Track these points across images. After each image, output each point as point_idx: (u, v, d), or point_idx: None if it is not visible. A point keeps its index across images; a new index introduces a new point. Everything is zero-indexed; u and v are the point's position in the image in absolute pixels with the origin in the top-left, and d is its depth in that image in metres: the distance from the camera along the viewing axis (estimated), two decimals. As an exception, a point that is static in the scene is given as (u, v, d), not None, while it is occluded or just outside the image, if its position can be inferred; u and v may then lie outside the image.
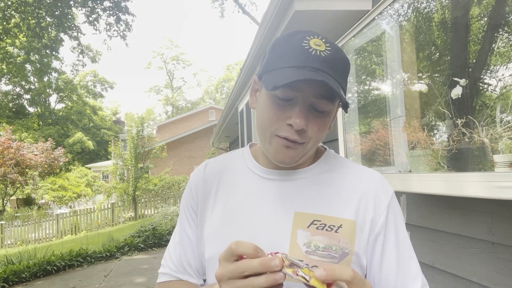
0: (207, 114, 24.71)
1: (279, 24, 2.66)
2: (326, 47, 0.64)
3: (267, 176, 0.75)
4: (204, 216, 0.78)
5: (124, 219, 12.60)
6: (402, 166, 1.89)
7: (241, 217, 0.72)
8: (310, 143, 0.68)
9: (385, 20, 2.09)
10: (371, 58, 2.55)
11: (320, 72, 0.62)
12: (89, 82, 34.51)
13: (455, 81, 1.41)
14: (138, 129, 13.74)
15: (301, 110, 0.65)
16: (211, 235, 0.74)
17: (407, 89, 2.04)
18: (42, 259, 6.05)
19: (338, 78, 0.65)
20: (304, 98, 0.65)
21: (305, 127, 0.65)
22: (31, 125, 28.47)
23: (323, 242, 0.66)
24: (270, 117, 0.67)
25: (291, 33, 0.68)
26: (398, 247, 0.70)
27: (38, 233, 10.70)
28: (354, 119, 2.48)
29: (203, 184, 0.80)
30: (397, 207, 0.73)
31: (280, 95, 0.65)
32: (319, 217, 0.68)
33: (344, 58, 0.68)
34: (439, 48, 1.93)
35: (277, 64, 0.66)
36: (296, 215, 0.69)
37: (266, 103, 0.68)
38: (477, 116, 1.40)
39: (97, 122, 32.67)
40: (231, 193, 0.76)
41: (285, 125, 0.66)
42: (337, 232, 0.67)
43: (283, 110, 0.66)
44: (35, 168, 16.35)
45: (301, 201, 0.71)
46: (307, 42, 0.64)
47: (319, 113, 0.67)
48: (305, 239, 0.66)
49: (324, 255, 0.65)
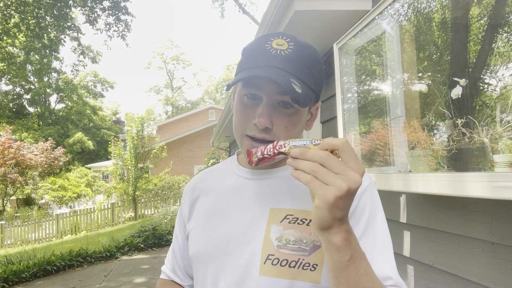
0: (207, 114, 24.70)
1: (279, 24, 2.66)
2: (288, 46, 0.67)
3: (247, 176, 0.79)
4: (190, 219, 0.83)
5: (124, 219, 12.59)
6: (402, 166, 1.89)
7: (221, 216, 0.76)
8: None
9: (385, 20, 2.09)
10: (371, 58, 2.55)
11: (275, 69, 0.64)
12: (90, 82, 34.53)
13: (455, 81, 1.41)
14: (138, 129, 13.74)
15: (264, 108, 0.67)
16: (194, 234, 0.79)
17: (407, 89, 2.04)
18: (42, 259, 6.05)
19: (299, 74, 0.66)
20: (267, 96, 0.68)
21: (270, 125, 0.67)
22: (31, 125, 28.49)
23: (294, 236, 0.67)
24: (240, 118, 0.72)
25: (260, 37, 0.71)
26: (367, 238, 0.66)
27: (38, 233, 10.70)
28: (354, 119, 2.48)
29: (192, 191, 0.86)
30: (372, 197, 0.71)
31: (247, 96, 0.70)
32: (292, 211, 0.70)
33: (310, 54, 0.69)
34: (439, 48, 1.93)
35: (242, 66, 0.70)
36: (271, 211, 0.71)
37: (237, 105, 0.73)
38: (477, 116, 1.40)
39: (97, 122, 32.69)
40: (216, 195, 0.81)
41: (252, 124, 0.69)
42: (308, 225, 0.68)
43: (250, 110, 0.70)
44: (35, 168, 16.35)
45: (278, 198, 0.73)
46: (270, 43, 0.68)
47: (286, 110, 0.69)
48: (277, 233, 0.68)
49: (294, 248, 0.66)
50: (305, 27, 2.51)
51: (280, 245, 0.67)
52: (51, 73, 30.03)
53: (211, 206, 0.79)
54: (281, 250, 0.67)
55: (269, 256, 0.67)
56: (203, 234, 0.77)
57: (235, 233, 0.72)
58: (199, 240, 0.77)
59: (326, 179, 0.49)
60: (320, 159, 0.50)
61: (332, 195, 0.49)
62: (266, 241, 0.68)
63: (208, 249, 0.74)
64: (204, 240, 0.76)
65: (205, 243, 0.75)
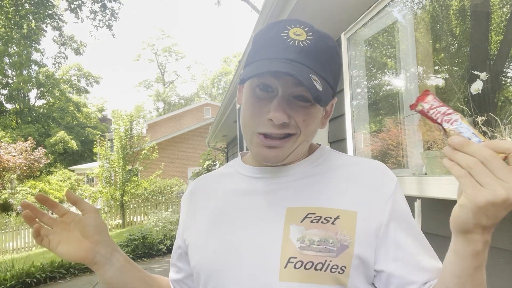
0: (202, 111, 24.72)
1: (281, 12, 2.67)
2: (307, 36, 0.66)
3: (255, 175, 0.78)
4: (191, 227, 0.81)
5: (111, 227, 12.60)
6: (416, 169, 1.88)
7: (229, 220, 0.75)
8: (301, 136, 0.70)
9: (397, 7, 2.09)
10: (382, 50, 2.55)
11: (294, 63, 0.64)
12: (73, 76, 34.54)
13: (475, 75, 1.41)
14: (126, 127, 13.74)
15: (280, 102, 0.67)
16: (197, 242, 0.77)
17: (422, 83, 2.04)
18: (21, 271, 6.05)
19: (318, 69, 0.66)
20: (283, 88, 0.67)
21: (286, 120, 0.67)
22: (8, 123, 28.49)
23: (319, 236, 0.66)
24: (251, 112, 0.71)
25: (274, 23, 0.70)
26: (414, 237, 0.70)
27: (17, 242, 10.70)
28: (364, 116, 2.48)
29: (190, 197, 0.86)
30: (402, 196, 0.73)
31: (260, 88, 0.69)
32: (314, 210, 0.69)
33: (329, 46, 0.69)
34: (457, 38, 1.93)
35: (255, 57, 0.69)
36: (289, 211, 0.70)
37: (248, 98, 0.72)
38: (499, 113, 1.40)
39: (81, 120, 32.69)
40: (220, 197, 0.80)
41: (266, 120, 0.68)
42: (334, 223, 0.67)
43: (264, 104, 0.69)
44: (13, 171, 16.34)
45: (293, 197, 0.72)
46: (287, 32, 0.67)
47: (303, 103, 0.68)
48: (299, 234, 0.67)
49: (320, 249, 0.65)
50: (310, 15, 2.51)
51: (303, 246, 0.65)
52: (30, 66, 30.05)
53: (215, 210, 0.78)
54: (305, 251, 0.65)
55: (291, 259, 0.65)
56: (209, 241, 0.74)
57: (248, 237, 0.70)
58: (204, 248, 0.74)
59: (483, 180, 0.48)
60: (483, 157, 0.48)
61: (483, 199, 0.47)
62: (286, 243, 0.67)
63: (216, 257, 0.72)
64: (210, 247, 0.73)
65: (213, 250, 0.73)
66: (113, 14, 12.33)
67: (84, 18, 12.21)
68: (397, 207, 0.70)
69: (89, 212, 0.74)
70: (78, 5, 11.83)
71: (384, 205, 0.69)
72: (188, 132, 20.67)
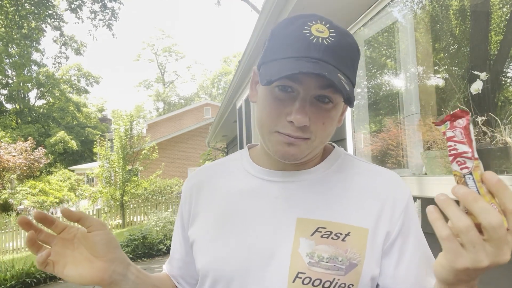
0: (202, 111, 24.71)
1: (281, 11, 2.67)
2: (330, 33, 0.63)
3: (267, 177, 0.74)
4: (194, 223, 0.78)
5: (111, 227, 12.59)
6: (416, 169, 1.88)
7: (237, 224, 0.72)
8: (316, 140, 0.67)
9: (397, 7, 2.09)
10: (382, 50, 2.55)
11: (321, 62, 0.61)
12: (73, 76, 34.52)
13: (475, 75, 1.41)
14: (126, 127, 13.73)
15: (302, 104, 0.63)
16: (204, 244, 0.74)
17: (422, 83, 2.04)
18: (21, 271, 6.04)
19: (343, 68, 0.63)
20: (306, 90, 0.64)
21: (308, 123, 0.63)
22: (8, 123, 28.49)
23: (328, 252, 0.65)
24: (269, 113, 0.67)
25: (292, 18, 0.66)
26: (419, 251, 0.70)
27: (17, 242, 10.69)
28: (364, 116, 2.48)
29: (193, 187, 0.82)
30: (413, 209, 0.73)
31: (279, 88, 0.65)
32: (324, 224, 0.67)
33: (351, 44, 0.66)
34: (457, 38, 1.93)
35: (275, 54, 0.65)
36: (299, 222, 0.68)
37: (266, 97, 0.68)
38: (500, 113, 1.40)
39: (81, 120, 32.68)
40: (227, 196, 0.76)
41: (285, 122, 0.65)
42: (344, 240, 0.66)
43: (283, 105, 0.65)
44: (13, 171, 16.34)
45: (305, 206, 0.70)
46: (308, 28, 0.63)
47: (324, 105, 0.65)
48: (308, 248, 0.65)
49: (328, 267, 0.64)
50: (310, 15, 2.51)
51: (312, 262, 0.64)
52: (31, 66, 30.05)
53: (222, 210, 0.75)
54: (313, 268, 0.64)
55: (299, 274, 0.64)
56: (216, 246, 0.72)
57: (257, 245, 0.68)
58: (211, 253, 0.72)
59: (468, 245, 0.45)
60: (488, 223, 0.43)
61: (463, 265, 0.46)
62: (295, 257, 0.65)
63: (225, 263, 0.70)
64: (218, 253, 0.71)
65: (221, 256, 0.70)
66: (113, 14, 12.34)
67: (84, 19, 12.23)
68: (407, 223, 0.70)
69: (97, 229, 0.65)
70: (78, 5, 11.84)
71: (396, 221, 0.69)
72: (188, 132, 20.67)
